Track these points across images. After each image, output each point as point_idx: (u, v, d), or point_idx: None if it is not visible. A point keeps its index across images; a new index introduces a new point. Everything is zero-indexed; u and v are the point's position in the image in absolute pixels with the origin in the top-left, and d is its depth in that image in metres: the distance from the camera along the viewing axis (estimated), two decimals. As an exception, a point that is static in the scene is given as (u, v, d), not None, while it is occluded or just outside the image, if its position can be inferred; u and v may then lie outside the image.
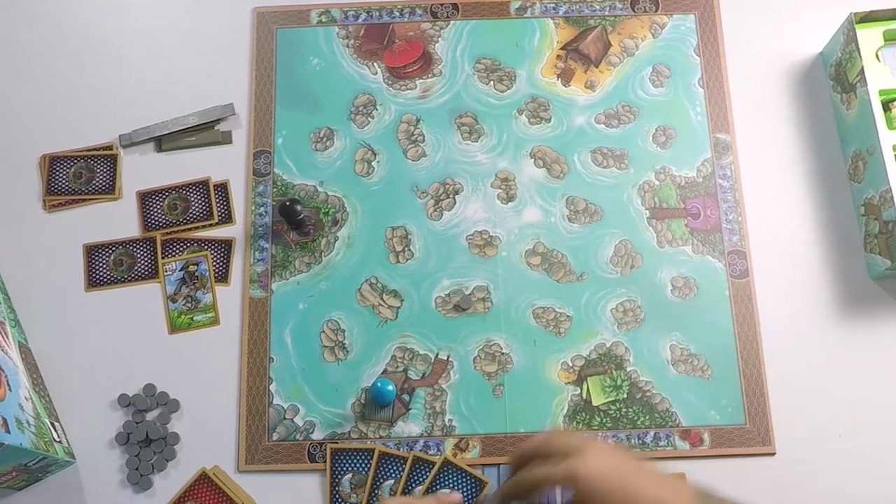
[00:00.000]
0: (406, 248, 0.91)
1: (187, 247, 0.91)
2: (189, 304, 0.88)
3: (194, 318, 0.88)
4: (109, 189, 0.93)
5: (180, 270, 0.89)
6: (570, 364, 0.87)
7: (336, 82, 0.97)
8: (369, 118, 0.96)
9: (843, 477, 0.82)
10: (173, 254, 0.91)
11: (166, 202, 0.93)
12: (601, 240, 0.91)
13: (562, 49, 0.98)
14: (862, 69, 0.88)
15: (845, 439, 0.83)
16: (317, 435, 0.84)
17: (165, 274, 0.89)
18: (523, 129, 0.95)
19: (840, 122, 0.94)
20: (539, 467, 0.61)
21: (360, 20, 1.00)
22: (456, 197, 0.93)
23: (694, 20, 0.99)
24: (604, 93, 0.97)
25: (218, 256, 0.90)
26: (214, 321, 0.88)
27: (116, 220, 0.92)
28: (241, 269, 0.90)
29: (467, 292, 0.89)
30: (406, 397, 0.86)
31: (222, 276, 0.90)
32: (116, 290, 0.89)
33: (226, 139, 0.95)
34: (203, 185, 0.93)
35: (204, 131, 0.95)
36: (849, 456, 0.83)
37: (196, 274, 0.89)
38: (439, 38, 0.99)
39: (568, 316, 0.88)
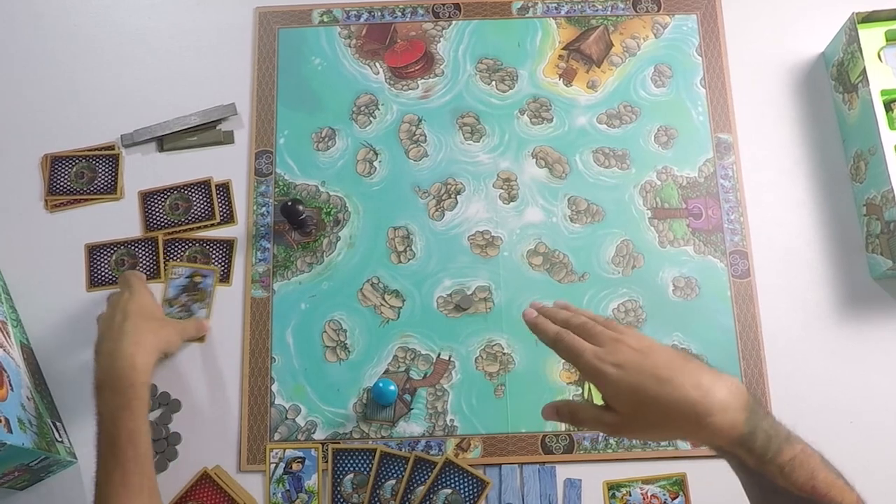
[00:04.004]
0: (408, 249, 0.91)
1: (189, 246, 0.91)
2: (183, 314, 0.88)
3: None
4: (111, 189, 0.93)
5: (186, 277, 0.89)
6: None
7: (338, 82, 0.97)
8: (371, 118, 0.96)
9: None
10: (176, 254, 0.90)
11: (168, 202, 0.93)
12: (603, 240, 0.91)
13: (564, 49, 0.98)
14: (864, 69, 0.88)
15: (848, 436, 0.83)
16: (318, 435, 0.84)
17: (171, 277, 0.89)
18: (525, 130, 0.95)
19: (842, 122, 0.94)
20: (580, 342, 0.63)
21: (361, 20, 1.00)
22: (458, 197, 0.93)
23: (696, 20, 0.99)
24: (605, 93, 0.97)
25: (220, 256, 0.90)
26: (200, 339, 0.87)
27: (118, 220, 0.92)
28: (242, 269, 0.90)
29: (469, 292, 0.89)
30: (408, 397, 0.86)
31: (224, 276, 0.90)
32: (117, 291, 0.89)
33: (227, 139, 0.95)
34: (205, 185, 0.93)
35: (206, 131, 0.95)
36: (850, 455, 0.83)
37: (199, 286, 0.89)
38: (441, 38, 0.99)
39: (570, 316, 0.88)
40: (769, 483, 0.60)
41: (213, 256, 0.90)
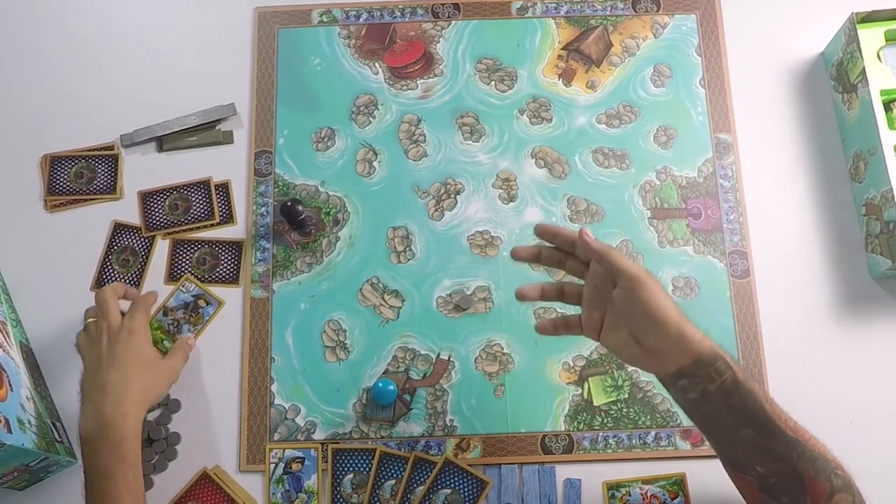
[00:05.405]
0: (407, 249, 0.91)
1: (198, 248, 0.91)
2: (171, 328, 0.88)
3: (164, 342, 0.86)
4: (110, 189, 0.93)
5: (193, 296, 0.88)
6: (572, 364, 0.87)
7: (337, 82, 0.97)
8: (370, 118, 0.96)
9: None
10: (184, 255, 0.90)
11: (167, 202, 0.93)
12: (602, 240, 0.90)
13: (563, 49, 0.98)
14: (863, 69, 0.88)
15: (847, 436, 0.83)
16: (318, 435, 0.84)
17: (181, 289, 0.88)
18: (524, 130, 0.95)
19: (841, 122, 0.94)
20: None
21: (361, 20, 1.00)
22: (457, 197, 0.93)
23: (695, 20, 0.99)
24: (605, 93, 0.97)
25: (228, 258, 0.90)
26: None
27: (117, 220, 0.92)
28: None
29: (468, 292, 0.89)
30: (407, 397, 0.86)
31: (234, 278, 0.89)
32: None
33: (227, 139, 0.95)
34: (204, 185, 0.93)
35: (205, 131, 0.95)
36: (850, 455, 0.83)
37: (199, 310, 0.88)
38: (440, 38, 0.99)
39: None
40: (760, 416, 0.64)
41: (222, 258, 0.90)
